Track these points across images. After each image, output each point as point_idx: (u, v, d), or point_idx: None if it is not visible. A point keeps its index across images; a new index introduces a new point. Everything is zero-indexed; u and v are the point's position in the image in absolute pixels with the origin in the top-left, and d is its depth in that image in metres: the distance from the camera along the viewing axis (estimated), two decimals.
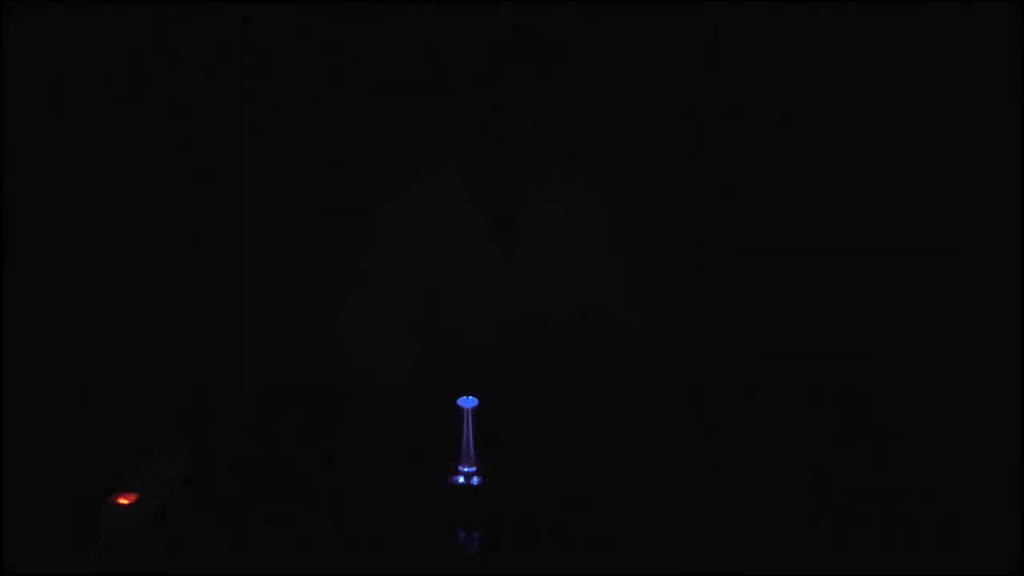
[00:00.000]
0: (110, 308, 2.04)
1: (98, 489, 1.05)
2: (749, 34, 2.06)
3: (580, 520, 1.05)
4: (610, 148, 2.05)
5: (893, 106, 2.04)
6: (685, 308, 2.12)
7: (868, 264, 2.09)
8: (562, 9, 2.04)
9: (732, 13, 2.05)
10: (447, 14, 1.99)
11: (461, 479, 1.08)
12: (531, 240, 1.53)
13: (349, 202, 1.68)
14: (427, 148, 1.61)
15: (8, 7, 1.92)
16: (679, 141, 2.12)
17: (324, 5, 2.05)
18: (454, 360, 1.40)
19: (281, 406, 1.39)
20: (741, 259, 2.15)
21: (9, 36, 1.93)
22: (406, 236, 1.52)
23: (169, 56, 2.03)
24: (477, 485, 1.08)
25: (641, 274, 1.60)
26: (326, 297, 1.55)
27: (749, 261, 2.15)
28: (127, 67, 2.03)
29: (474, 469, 1.08)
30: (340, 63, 2.07)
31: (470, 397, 1.08)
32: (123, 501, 1.03)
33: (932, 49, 1.99)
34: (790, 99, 2.07)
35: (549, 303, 1.53)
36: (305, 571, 0.99)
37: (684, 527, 1.03)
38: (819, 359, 1.90)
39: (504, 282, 1.52)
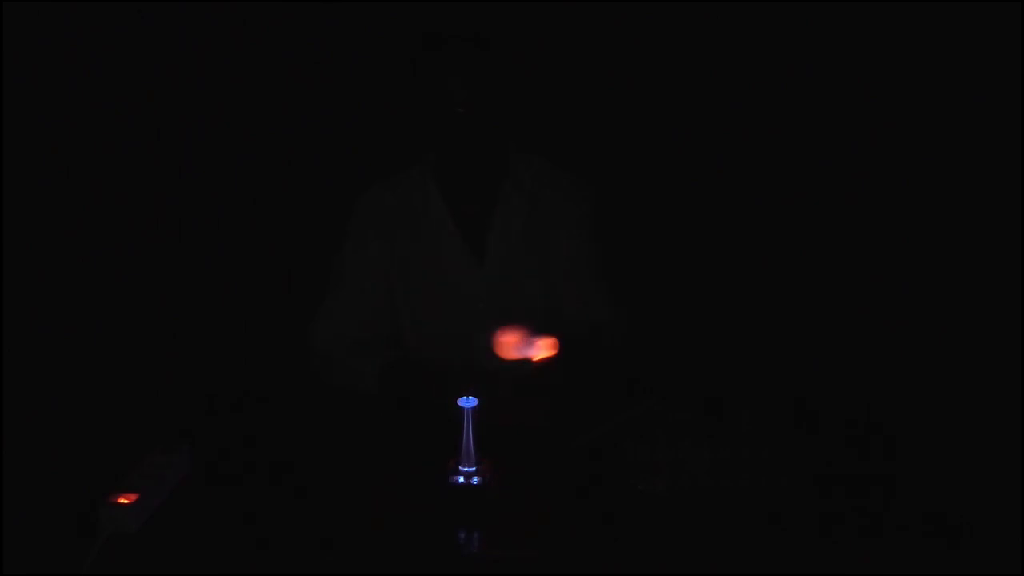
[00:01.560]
0: (111, 308, 2.04)
1: (98, 489, 1.05)
2: (750, 34, 2.06)
3: (580, 520, 1.05)
4: (594, 145, 2.06)
5: (894, 107, 2.04)
6: (684, 309, 2.13)
7: (868, 265, 2.09)
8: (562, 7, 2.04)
9: (732, 13, 2.05)
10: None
11: (461, 479, 1.08)
12: (508, 240, 1.53)
13: (326, 205, 1.68)
14: (400, 149, 1.61)
15: (8, 8, 1.92)
16: (669, 139, 2.12)
17: (297, 6, 2.04)
18: (429, 364, 1.41)
19: (281, 406, 1.39)
20: (740, 259, 2.15)
21: (8, 36, 1.93)
22: (380, 237, 1.53)
23: (160, 59, 2.03)
24: (477, 485, 1.08)
25: (626, 274, 1.59)
26: (311, 299, 1.56)
27: (748, 261, 2.15)
28: (124, 67, 2.04)
29: (474, 469, 1.08)
30: (308, 65, 2.07)
31: (470, 397, 1.08)
32: (123, 501, 1.03)
33: (933, 49, 1.99)
34: (790, 99, 2.07)
35: (528, 303, 1.53)
36: (305, 571, 0.99)
37: (684, 527, 1.04)
38: (819, 359, 1.90)
39: (480, 282, 1.52)
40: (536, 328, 1.52)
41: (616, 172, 2.03)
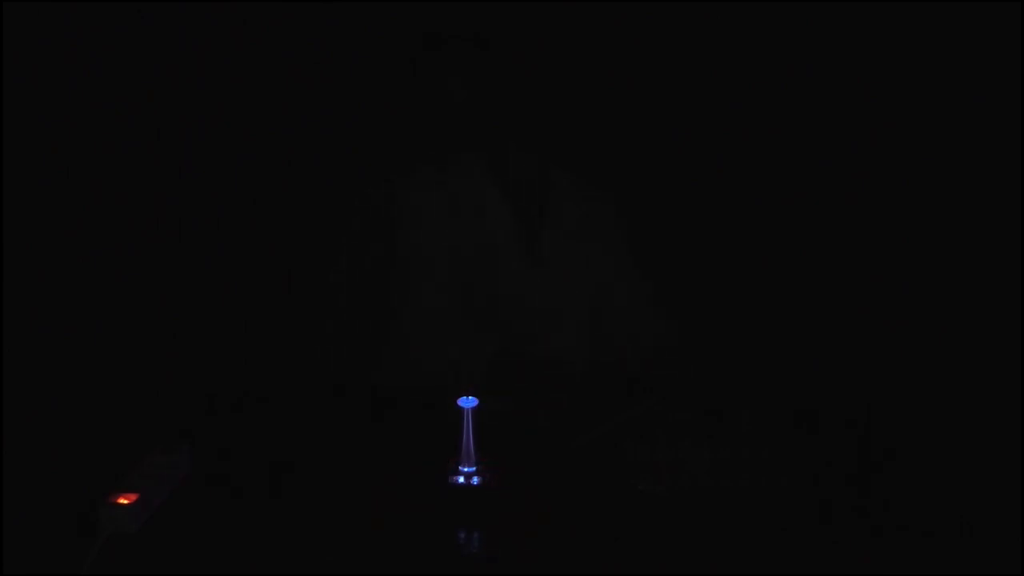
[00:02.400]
0: (111, 308, 2.04)
1: (98, 489, 1.05)
2: (750, 34, 2.05)
3: (580, 520, 1.05)
4: (594, 145, 2.05)
5: (894, 107, 2.04)
6: (684, 309, 2.13)
7: (868, 265, 2.09)
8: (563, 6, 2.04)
9: (732, 13, 2.05)
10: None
11: (461, 479, 1.08)
12: (557, 237, 1.52)
13: (326, 205, 1.67)
14: (453, 141, 1.59)
15: (8, 8, 1.92)
16: (669, 139, 2.12)
17: (297, 6, 2.03)
18: (477, 361, 1.40)
19: (281, 406, 1.39)
20: (740, 259, 2.15)
21: (8, 36, 1.93)
22: (432, 230, 1.52)
23: (160, 59, 2.03)
24: (477, 485, 1.08)
25: (652, 276, 1.59)
26: (311, 299, 1.55)
27: (748, 261, 2.15)
28: (124, 67, 2.03)
29: (474, 469, 1.08)
30: (308, 65, 2.07)
31: (470, 397, 1.08)
32: (123, 501, 1.03)
33: (933, 49, 1.99)
34: (790, 99, 2.07)
35: (569, 301, 1.52)
36: (305, 571, 0.99)
37: (684, 527, 1.03)
38: (819, 360, 1.90)
39: (526, 279, 1.51)
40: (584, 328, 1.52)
41: (616, 172, 2.03)
